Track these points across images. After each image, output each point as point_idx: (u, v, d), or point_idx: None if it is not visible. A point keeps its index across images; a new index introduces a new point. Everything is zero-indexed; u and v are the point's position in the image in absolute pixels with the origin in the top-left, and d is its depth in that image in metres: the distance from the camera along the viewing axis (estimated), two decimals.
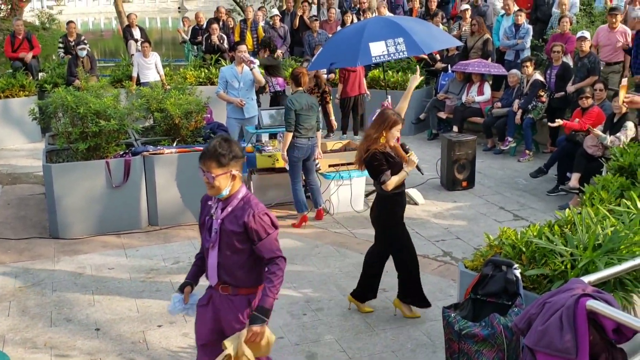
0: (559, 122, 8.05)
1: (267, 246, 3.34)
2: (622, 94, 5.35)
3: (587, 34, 9.54)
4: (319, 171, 7.61)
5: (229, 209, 3.36)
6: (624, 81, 5.69)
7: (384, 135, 4.91)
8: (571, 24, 11.00)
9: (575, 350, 2.69)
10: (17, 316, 5.27)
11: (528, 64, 10.00)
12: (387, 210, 5.05)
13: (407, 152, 5.01)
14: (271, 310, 3.33)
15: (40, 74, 12.45)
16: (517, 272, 3.49)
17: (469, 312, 3.57)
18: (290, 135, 6.92)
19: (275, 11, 14.19)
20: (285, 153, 7.03)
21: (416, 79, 6.14)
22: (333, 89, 11.05)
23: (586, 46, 9.46)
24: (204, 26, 14.03)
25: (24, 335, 4.97)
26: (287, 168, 7.16)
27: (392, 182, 4.85)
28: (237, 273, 3.39)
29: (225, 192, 3.34)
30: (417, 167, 5.06)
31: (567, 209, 4.12)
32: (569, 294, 2.85)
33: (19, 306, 5.45)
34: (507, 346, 3.34)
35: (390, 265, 5.22)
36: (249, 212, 3.31)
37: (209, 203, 3.48)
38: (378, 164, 4.88)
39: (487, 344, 3.32)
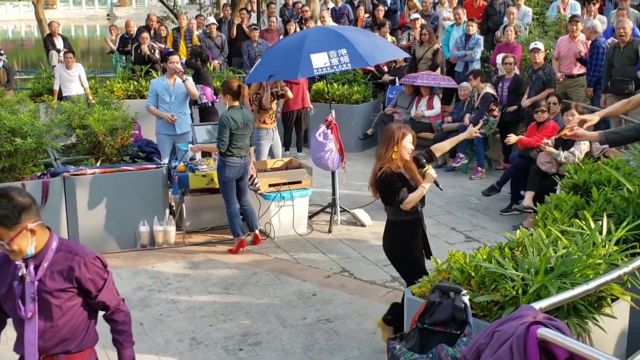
0: (514, 138, 8.18)
1: (110, 294, 3.17)
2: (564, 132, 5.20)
3: (540, 44, 9.76)
4: (259, 191, 7.53)
5: (45, 264, 3.03)
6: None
7: (396, 150, 4.79)
8: (516, 33, 11.24)
9: None
10: None
11: (472, 77, 10.18)
12: (400, 238, 4.93)
13: (423, 167, 4.88)
14: None
15: None
16: (466, 299, 3.49)
17: (415, 342, 3.55)
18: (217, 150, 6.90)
19: (212, 19, 14.15)
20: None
21: (471, 134, 5.63)
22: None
23: (540, 57, 9.68)
24: (134, 35, 13.85)
25: None
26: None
27: (410, 199, 4.74)
28: (70, 338, 3.13)
29: (30, 251, 3.00)
30: (435, 182, 4.89)
31: (517, 230, 4.16)
32: (519, 322, 2.85)
33: None
34: None
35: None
36: (78, 261, 3.05)
37: (15, 264, 3.05)
38: (392, 182, 4.75)
39: None
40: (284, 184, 7.60)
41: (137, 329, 5.42)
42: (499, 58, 10.58)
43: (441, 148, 5.49)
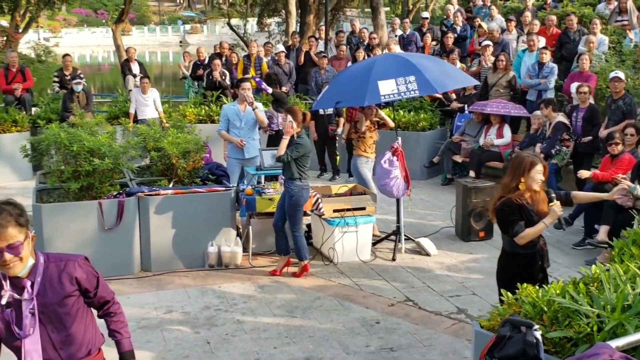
0: (586, 173, 7.93)
1: (106, 289, 3.26)
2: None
3: (621, 74, 9.45)
4: (323, 216, 7.54)
5: (38, 279, 3.01)
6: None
7: (523, 181, 4.59)
8: (591, 61, 10.99)
9: None
10: None
11: (543, 106, 9.98)
12: (512, 270, 4.70)
13: (551, 201, 4.63)
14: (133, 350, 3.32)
15: (33, 109, 12.58)
16: (538, 334, 3.37)
17: None
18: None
19: (281, 47, 14.33)
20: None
21: (612, 196, 5.23)
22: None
23: (620, 87, 9.39)
24: (206, 61, 14.17)
25: None
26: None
27: (526, 234, 4.53)
28: (86, 341, 3.18)
29: (29, 263, 2.99)
30: (560, 220, 4.64)
31: (593, 265, 4.03)
32: None
33: None
34: None
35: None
36: (72, 264, 3.09)
37: None
38: (510, 213, 4.55)
39: None
40: (349, 209, 7.59)
41: (204, 347, 5.50)
42: (573, 87, 10.32)
43: (581, 197, 5.23)
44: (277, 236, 7.21)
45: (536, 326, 3.41)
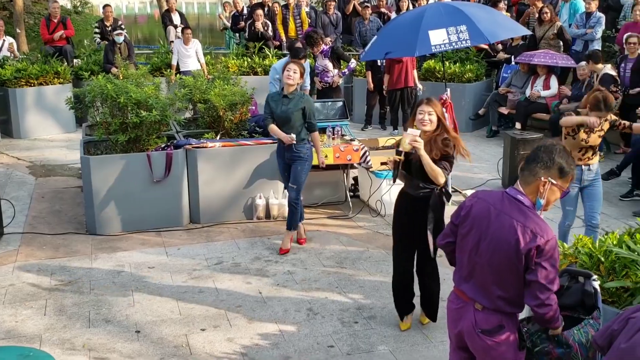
0: None
1: None
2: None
3: None
4: (370, 169, 7.61)
5: None
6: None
7: None
8: None
9: None
10: (54, 315, 5.42)
11: (586, 62, 9.82)
12: None
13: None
14: None
15: (75, 61, 12.72)
16: (596, 284, 3.44)
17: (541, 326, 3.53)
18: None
19: None
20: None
21: None
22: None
23: None
24: (244, 12, 14.15)
25: (61, 336, 5.11)
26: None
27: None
28: None
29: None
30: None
31: None
32: None
33: (55, 305, 5.60)
34: None
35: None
36: None
37: None
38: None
39: None
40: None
41: (256, 297, 5.68)
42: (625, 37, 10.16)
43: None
44: (295, 211, 6.67)
45: (594, 276, 3.48)
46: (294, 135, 6.31)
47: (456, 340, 3.40)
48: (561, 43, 11.19)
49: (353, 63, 10.12)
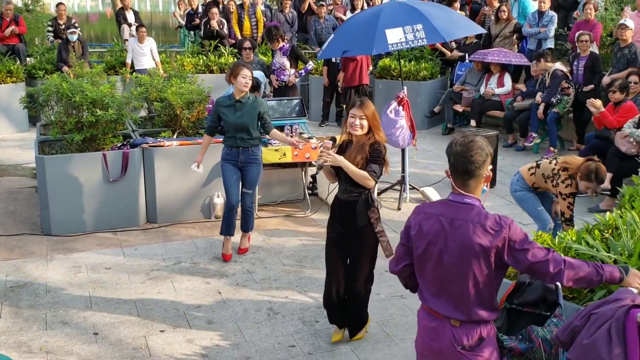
0: (598, 102, 7.91)
1: None
2: None
3: (630, 22, 9.47)
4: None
5: None
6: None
7: None
8: (596, 10, 10.95)
9: None
10: (9, 318, 5.24)
11: (535, 62, 9.99)
12: None
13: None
14: None
15: (28, 59, 12.39)
16: None
17: (503, 323, 3.53)
18: None
19: None
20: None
21: None
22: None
23: (627, 35, 9.41)
24: (199, 10, 13.96)
25: (17, 339, 4.94)
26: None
27: None
28: None
29: None
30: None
31: (607, 212, 4.09)
32: (617, 305, 2.83)
33: (11, 307, 5.42)
34: None
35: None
36: None
37: None
38: None
39: (524, 359, 3.28)
40: None
41: (216, 297, 5.59)
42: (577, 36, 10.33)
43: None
44: (251, 215, 6.49)
45: None
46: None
47: (433, 357, 3.27)
48: (515, 38, 11.32)
49: (310, 65, 10.04)
